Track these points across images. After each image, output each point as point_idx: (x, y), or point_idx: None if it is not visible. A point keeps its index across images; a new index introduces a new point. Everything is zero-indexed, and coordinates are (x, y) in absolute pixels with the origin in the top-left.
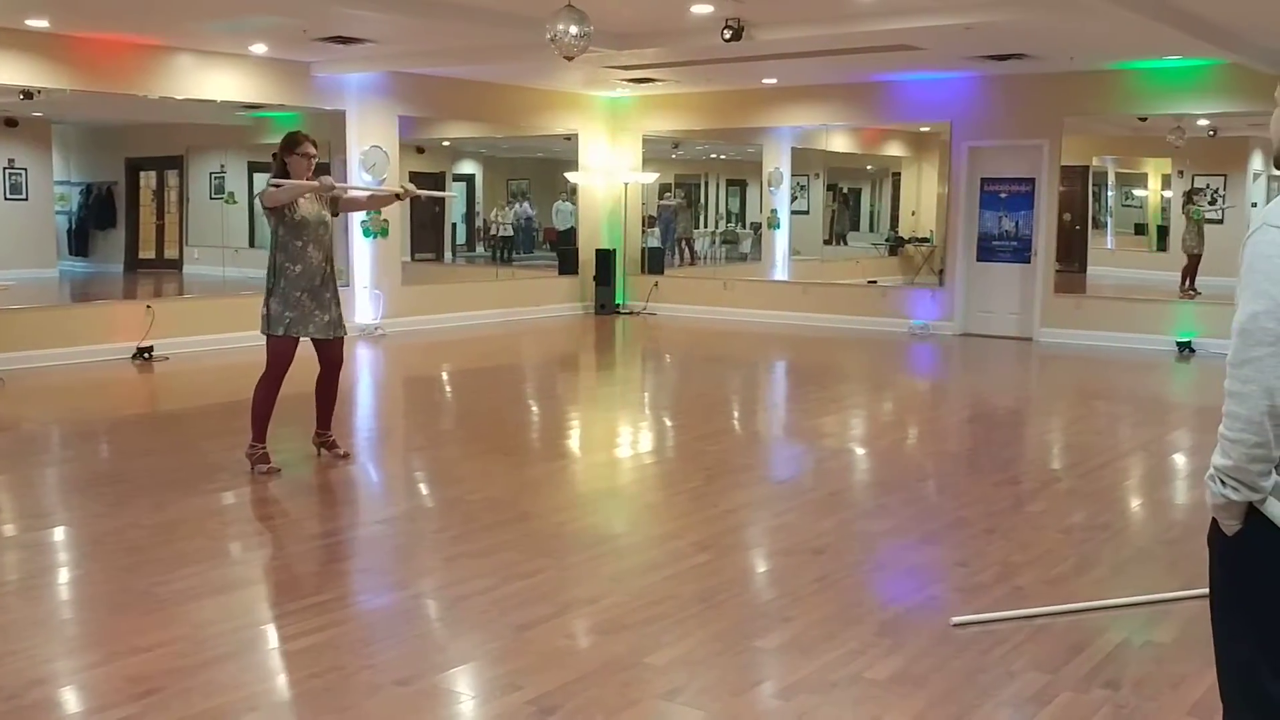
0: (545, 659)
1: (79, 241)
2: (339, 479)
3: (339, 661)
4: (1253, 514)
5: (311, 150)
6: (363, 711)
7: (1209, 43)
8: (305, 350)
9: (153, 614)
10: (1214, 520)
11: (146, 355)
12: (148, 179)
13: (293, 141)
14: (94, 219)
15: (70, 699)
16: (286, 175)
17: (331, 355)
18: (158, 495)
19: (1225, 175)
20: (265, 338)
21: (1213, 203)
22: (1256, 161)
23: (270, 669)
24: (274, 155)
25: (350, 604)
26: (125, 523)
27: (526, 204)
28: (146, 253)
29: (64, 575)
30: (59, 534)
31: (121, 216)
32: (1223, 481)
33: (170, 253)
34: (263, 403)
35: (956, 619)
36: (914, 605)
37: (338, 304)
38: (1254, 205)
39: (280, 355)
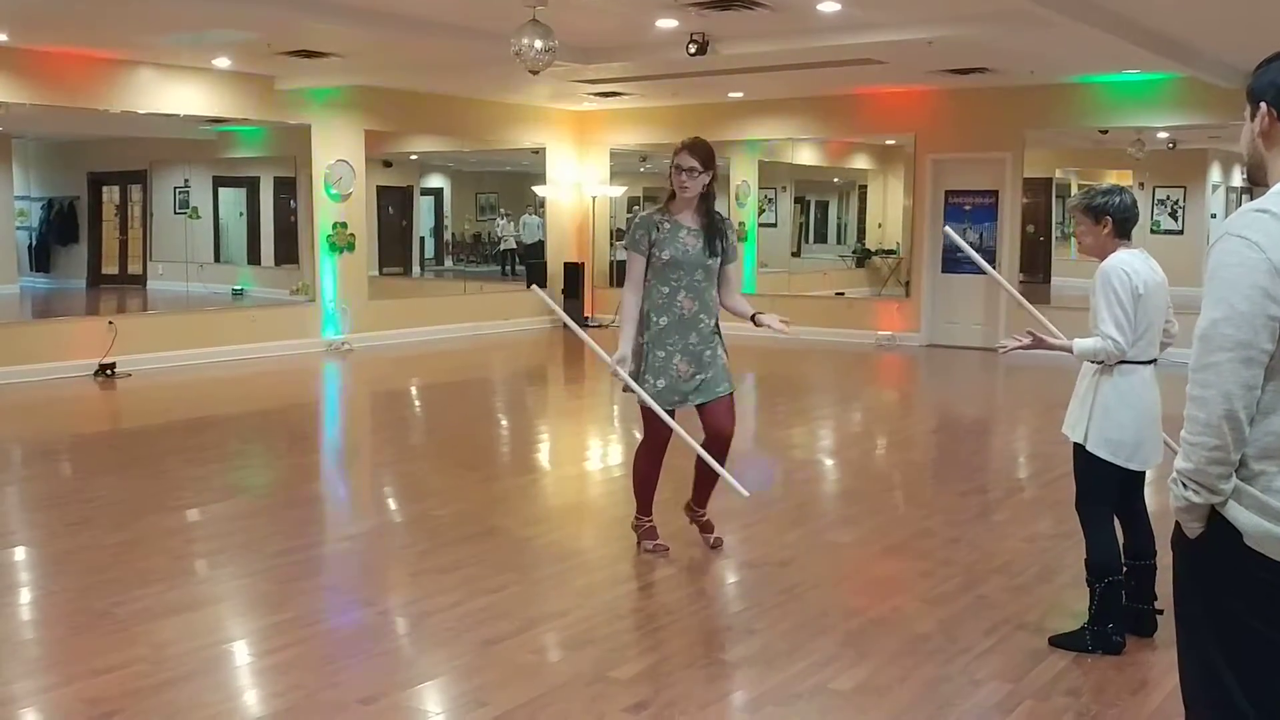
0: (511, 674)
1: (40, 257)
2: (306, 496)
3: (301, 680)
4: (1214, 517)
5: (688, 161)
6: None
7: (1167, 57)
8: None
9: (113, 634)
10: (1177, 523)
11: (109, 372)
12: (110, 194)
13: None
14: (56, 234)
15: None
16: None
17: (714, 420)
18: (119, 514)
19: (1185, 187)
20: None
21: None
22: (1215, 174)
23: (232, 689)
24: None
25: (314, 622)
26: (86, 542)
27: (536, 216)
28: (109, 268)
29: (24, 596)
30: (19, 554)
31: (84, 232)
32: (1184, 484)
33: (134, 268)
34: (644, 480)
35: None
36: (879, 616)
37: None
38: (1213, 216)
39: (653, 424)
